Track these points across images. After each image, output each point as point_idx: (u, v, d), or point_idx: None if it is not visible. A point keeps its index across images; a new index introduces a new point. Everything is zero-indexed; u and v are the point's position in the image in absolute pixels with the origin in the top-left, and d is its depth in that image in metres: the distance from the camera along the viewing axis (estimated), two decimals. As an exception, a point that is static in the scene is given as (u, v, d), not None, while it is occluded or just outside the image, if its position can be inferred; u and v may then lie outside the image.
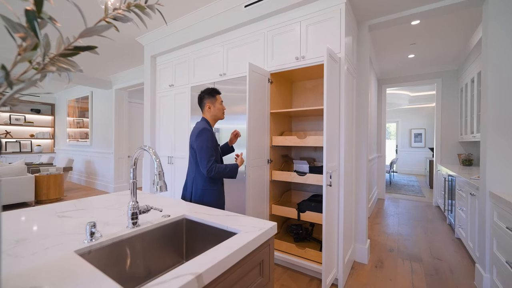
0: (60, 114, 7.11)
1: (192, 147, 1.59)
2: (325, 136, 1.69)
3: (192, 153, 1.62)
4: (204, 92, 1.67)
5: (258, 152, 2.10)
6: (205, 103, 1.66)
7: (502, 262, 1.60)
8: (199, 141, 1.52)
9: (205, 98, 1.66)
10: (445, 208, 3.60)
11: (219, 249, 0.79)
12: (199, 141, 1.52)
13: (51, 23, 0.61)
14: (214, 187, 1.60)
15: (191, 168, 1.66)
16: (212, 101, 1.65)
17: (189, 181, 1.65)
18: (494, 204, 1.76)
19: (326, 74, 1.68)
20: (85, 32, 0.64)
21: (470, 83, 3.42)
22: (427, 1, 2.08)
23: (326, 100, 1.69)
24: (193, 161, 1.62)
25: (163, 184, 0.89)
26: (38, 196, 4.31)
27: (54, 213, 1.18)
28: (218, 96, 1.68)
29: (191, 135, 1.61)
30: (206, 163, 1.49)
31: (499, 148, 1.79)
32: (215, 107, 1.66)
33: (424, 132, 8.50)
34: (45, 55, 0.63)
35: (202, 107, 1.68)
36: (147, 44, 3.34)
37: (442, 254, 2.54)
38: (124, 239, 0.92)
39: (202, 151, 1.51)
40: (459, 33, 3.06)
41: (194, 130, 1.60)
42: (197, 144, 1.53)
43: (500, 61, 1.79)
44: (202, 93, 1.67)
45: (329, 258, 1.83)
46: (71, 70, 0.66)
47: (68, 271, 0.65)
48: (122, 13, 0.69)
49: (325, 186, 1.70)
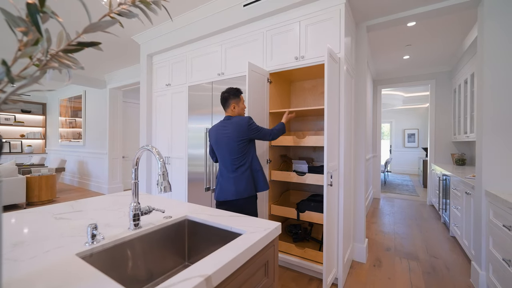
0: (52, 113, 6.95)
1: (243, 138, 1.68)
2: (326, 136, 1.69)
3: (240, 147, 1.68)
4: (229, 92, 1.74)
5: (258, 152, 2.09)
6: (230, 103, 1.74)
7: (499, 259, 1.62)
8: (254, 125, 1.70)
9: (230, 98, 1.74)
10: (440, 207, 3.66)
11: (226, 249, 0.78)
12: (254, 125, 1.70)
13: (54, 18, 0.59)
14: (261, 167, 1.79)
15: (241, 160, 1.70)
16: (237, 101, 1.75)
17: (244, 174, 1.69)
18: (490, 203, 1.79)
19: (327, 74, 1.68)
20: (89, 28, 0.62)
21: (464, 84, 3.49)
22: (423, 2, 2.11)
23: (327, 100, 1.69)
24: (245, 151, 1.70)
25: (167, 185, 0.87)
26: (30, 198, 4.20)
27: (51, 215, 1.14)
28: (241, 96, 1.78)
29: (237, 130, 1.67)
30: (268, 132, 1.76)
31: (494, 147, 1.83)
32: (239, 107, 1.76)
33: (417, 132, 8.64)
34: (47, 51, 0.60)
35: (227, 106, 1.76)
36: (143, 42, 3.30)
37: (438, 252, 2.58)
38: (126, 241, 0.90)
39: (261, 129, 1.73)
40: (453, 35, 3.11)
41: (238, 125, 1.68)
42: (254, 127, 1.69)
43: (495, 61, 1.83)
44: (227, 93, 1.74)
45: (329, 258, 1.84)
46: (72, 67, 0.64)
47: (71, 274, 0.63)
48: (127, 8, 0.67)
49: (326, 186, 1.70)
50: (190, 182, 2.84)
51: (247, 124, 1.66)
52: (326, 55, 1.67)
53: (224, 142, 1.70)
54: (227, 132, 1.69)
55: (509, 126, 1.79)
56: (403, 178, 7.71)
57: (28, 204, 4.20)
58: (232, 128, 1.67)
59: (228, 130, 1.69)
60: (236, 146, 1.67)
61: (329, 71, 1.72)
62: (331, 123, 1.77)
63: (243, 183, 1.66)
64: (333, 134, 1.87)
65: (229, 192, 1.67)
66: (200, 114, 2.75)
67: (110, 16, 0.66)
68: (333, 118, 1.85)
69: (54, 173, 4.62)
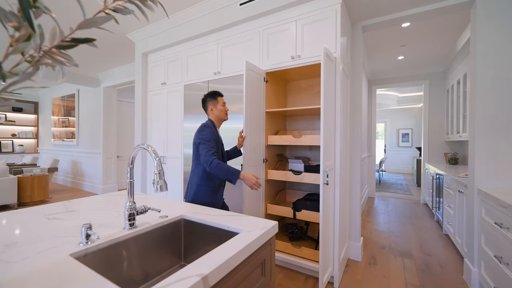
0: (44, 112, 6.82)
1: (195, 143, 1.62)
2: (322, 135, 1.70)
3: (194, 151, 1.65)
4: (206, 95, 1.74)
5: (254, 151, 2.09)
6: (207, 105, 1.73)
7: (490, 256, 1.66)
8: (200, 135, 1.58)
9: (207, 100, 1.73)
10: (433, 206, 3.72)
11: (223, 249, 0.77)
12: (200, 135, 1.58)
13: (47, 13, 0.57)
14: (210, 184, 1.60)
15: (192, 167, 1.68)
16: (214, 103, 1.72)
17: (190, 179, 1.68)
18: (482, 201, 1.82)
19: (323, 73, 1.69)
20: (84, 24, 0.60)
21: (456, 85, 3.55)
22: (418, 3, 2.13)
23: (323, 99, 1.69)
24: (194, 159, 1.65)
25: (163, 184, 0.87)
26: (21, 198, 4.11)
27: (43, 215, 1.12)
28: (219, 98, 1.74)
29: (195, 133, 1.65)
30: (205, 153, 1.50)
31: (486, 146, 1.86)
32: (217, 109, 1.72)
33: (411, 132, 8.76)
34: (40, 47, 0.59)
35: (205, 109, 1.76)
36: (139, 41, 3.26)
37: (431, 250, 2.62)
38: (121, 241, 0.89)
39: (203, 143, 1.54)
40: (446, 36, 3.16)
41: (199, 127, 1.66)
42: (198, 138, 1.58)
43: (487, 62, 1.86)
44: (204, 96, 1.75)
45: (325, 256, 1.85)
46: (65, 64, 0.62)
47: (65, 275, 0.62)
48: (123, 4, 0.66)
49: (322, 185, 1.71)
50: (186, 182, 2.82)
51: (198, 130, 1.62)
52: (322, 54, 1.68)
53: None
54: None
55: (501, 126, 1.82)
56: (397, 177, 7.81)
57: (19, 205, 4.12)
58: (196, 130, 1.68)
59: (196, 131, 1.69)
60: (193, 145, 1.65)
61: (325, 70, 1.73)
62: (327, 122, 1.78)
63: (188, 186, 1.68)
64: (329, 134, 1.88)
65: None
66: (196, 114, 2.73)
67: (105, 12, 0.65)
68: (329, 117, 1.86)
69: (47, 173, 4.54)
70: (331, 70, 1.89)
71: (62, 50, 0.63)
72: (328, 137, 1.83)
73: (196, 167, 1.63)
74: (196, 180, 1.61)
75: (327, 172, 1.75)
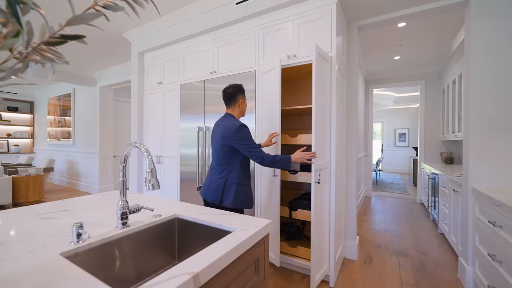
0: (40, 112, 6.76)
1: (225, 143, 1.55)
2: (314, 134, 1.70)
3: (223, 150, 1.57)
4: (236, 87, 1.64)
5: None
6: (238, 98, 1.64)
7: (484, 254, 1.67)
8: (242, 135, 1.52)
9: (238, 93, 1.64)
10: (429, 205, 3.74)
11: (215, 247, 0.77)
12: (243, 135, 1.52)
13: (35, 9, 0.57)
14: (246, 182, 1.61)
15: (224, 165, 1.59)
16: (243, 97, 1.67)
17: (220, 178, 1.58)
18: (476, 200, 1.84)
19: (315, 73, 1.69)
20: (72, 20, 0.60)
21: (452, 85, 3.57)
22: (413, 3, 2.14)
23: (315, 99, 1.70)
24: (227, 157, 1.58)
25: (155, 182, 0.86)
26: (16, 199, 4.08)
27: (36, 214, 1.11)
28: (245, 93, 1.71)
29: (224, 133, 1.56)
30: (254, 151, 1.51)
31: (481, 146, 1.88)
32: (245, 103, 1.69)
33: (408, 132, 8.81)
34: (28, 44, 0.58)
35: (234, 102, 1.65)
36: (135, 40, 3.25)
37: (427, 249, 2.64)
38: (113, 240, 0.88)
39: (246, 144, 1.52)
40: (442, 36, 3.18)
41: (226, 128, 1.56)
42: (240, 138, 1.52)
43: (481, 62, 1.88)
44: (234, 88, 1.64)
45: (320, 255, 1.85)
46: (56, 61, 0.62)
47: (54, 274, 0.61)
48: (113, 1, 0.65)
49: (313, 184, 1.71)
50: (182, 182, 2.81)
51: (234, 129, 1.51)
52: (314, 54, 1.68)
53: (214, 140, 1.66)
54: (219, 131, 1.61)
55: (495, 125, 1.84)
56: (394, 177, 7.85)
57: (14, 205, 4.08)
58: (222, 128, 1.59)
59: (220, 129, 1.61)
60: (220, 148, 1.59)
61: (318, 69, 1.73)
62: (320, 121, 1.79)
63: (212, 187, 1.60)
64: (324, 132, 1.89)
65: (204, 190, 1.65)
66: (192, 113, 2.73)
67: (95, 9, 0.64)
68: (323, 116, 1.87)
69: (42, 173, 4.50)
70: (326, 70, 1.90)
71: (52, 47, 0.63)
72: (322, 136, 1.84)
73: (227, 168, 1.57)
74: (236, 178, 1.56)
75: (319, 171, 1.76)
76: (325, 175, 1.92)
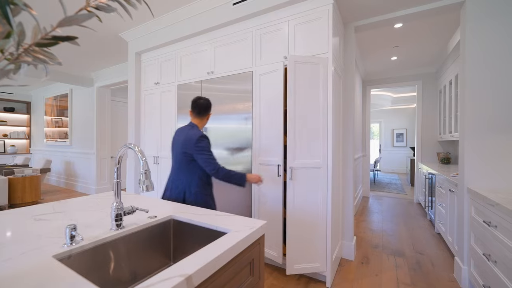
0: (37, 112, 6.72)
1: (186, 152, 1.56)
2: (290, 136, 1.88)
3: (183, 158, 1.58)
4: (209, 101, 1.69)
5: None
6: (208, 112, 1.70)
7: (479, 254, 1.68)
8: (202, 145, 1.53)
9: (210, 107, 1.70)
10: (426, 205, 3.76)
11: (209, 249, 0.77)
12: (203, 145, 1.53)
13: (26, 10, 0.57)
14: (206, 192, 1.60)
15: (183, 172, 1.60)
16: (210, 111, 1.73)
17: (180, 184, 1.59)
18: (471, 200, 1.85)
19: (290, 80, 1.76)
20: (64, 21, 0.59)
21: (448, 85, 3.59)
22: (409, 4, 2.15)
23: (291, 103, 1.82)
24: (186, 165, 1.59)
25: (149, 183, 0.86)
26: (12, 200, 4.05)
27: (30, 216, 1.10)
28: None
29: (185, 141, 1.58)
30: (210, 162, 1.52)
31: (476, 146, 1.89)
32: (208, 119, 1.74)
33: (406, 132, 8.84)
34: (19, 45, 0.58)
35: (204, 115, 1.69)
36: (132, 40, 3.24)
37: (423, 249, 2.65)
38: (107, 242, 0.88)
39: (203, 154, 1.53)
40: (438, 37, 3.20)
41: (188, 136, 1.58)
42: (200, 148, 1.53)
43: (476, 63, 1.89)
44: (207, 101, 1.68)
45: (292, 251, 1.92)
46: (48, 62, 0.61)
47: (46, 277, 0.61)
48: (106, 2, 0.65)
49: (289, 181, 1.89)
50: (180, 182, 2.80)
51: (195, 139, 1.53)
52: (289, 62, 1.68)
53: (175, 148, 1.66)
54: (181, 138, 1.62)
55: (490, 126, 1.85)
56: (392, 177, 7.88)
57: (10, 206, 4.05)
58: (184, 136, 1.60)
59: (182, 137, 1.62)
60: (181, 156, 1.59)
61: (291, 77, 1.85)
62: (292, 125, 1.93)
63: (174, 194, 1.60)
64: (314, 133, 1.93)
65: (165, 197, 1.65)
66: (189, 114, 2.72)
67: (87, 10, 0.64)
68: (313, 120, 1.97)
69: (39, 173, 4.47)
70: (315, 71, 1.94)
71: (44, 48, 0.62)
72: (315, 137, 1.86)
73: (188, 176, 1.58)
74: (194, 187, 1.56)
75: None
76: (322, 175, 1.93)
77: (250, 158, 2.26)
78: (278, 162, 2.07)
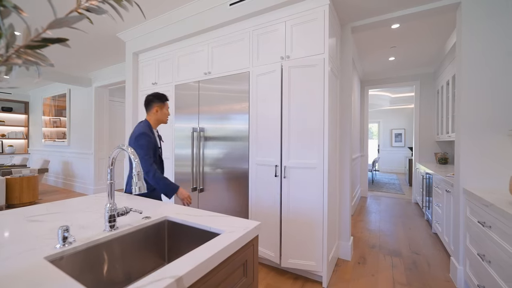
0: (35, 112, 6.71)
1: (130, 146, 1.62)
2: (284, 135, 1.81)
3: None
4: (154, 95, 1.74)
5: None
6: (153, 106, 1.73)
7: (474, 254, 1.69)
8: (140, 142, 1.58)
9: (154, 101, 1.73)
10: (423, 205, 3.77)
11: (200, 250, 0.77)
12: (141, 143, 1.58)
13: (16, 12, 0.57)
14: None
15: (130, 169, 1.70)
16: (161, 105, 1.75)
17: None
18: (467, 200, 1.86)
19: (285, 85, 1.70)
20: (54, 23, 0.59)
21: (446, 85, 3.61)
22: (406, 5, 2.16)
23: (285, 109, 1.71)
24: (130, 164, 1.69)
25: (142, 185, 0.86)
26: (10, 200, 4.04)
27: (24, 217, 1.10)
28: (167, 103, 1.78)
29: (130, 136, 1.65)
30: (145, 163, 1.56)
31: (472, 147, 1.90)
32: (162, 112, 1.75)
33: (404, 132, 8.86)
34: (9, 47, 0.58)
35: (149, 109, 1.74)
36: (129, 40, 3.23)
37: (420, 249, 2.66)
38: (100, 243, 0.88)
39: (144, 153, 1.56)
40: (435, 38, 3.21)
41: (133, 132, 1.65)
42: (137, 145, 1.58)
43: (472, 64, 1.90)
44: (151, 96, 1.73)
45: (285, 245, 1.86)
46: (40, 63, 0.62)
47: (35, 280, 0.61)
48: (96, 4, 0.65)
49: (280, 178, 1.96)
50: (177, 182, 2.80)
51: (136, 135, 1.60)
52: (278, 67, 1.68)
53: None
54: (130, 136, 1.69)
55: (485, 127, 1.86)
56: (390, 177, 7.89)
57: (8, 207, 4.04)
58: (132, 132, 1.67)
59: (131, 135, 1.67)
60: None
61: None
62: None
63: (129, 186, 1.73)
64: (312, 133, 1.94)
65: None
66: (187, 114, 2.72)
67: (78, 12, 0.64)
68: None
69: (37, 174, 4.46)
70: (312, 74, 1.94)
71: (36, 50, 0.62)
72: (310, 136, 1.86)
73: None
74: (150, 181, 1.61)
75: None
76: (318, 175, 1.94)
77: (247, 158, 2.26)
78: (275, 162, 2.07)
